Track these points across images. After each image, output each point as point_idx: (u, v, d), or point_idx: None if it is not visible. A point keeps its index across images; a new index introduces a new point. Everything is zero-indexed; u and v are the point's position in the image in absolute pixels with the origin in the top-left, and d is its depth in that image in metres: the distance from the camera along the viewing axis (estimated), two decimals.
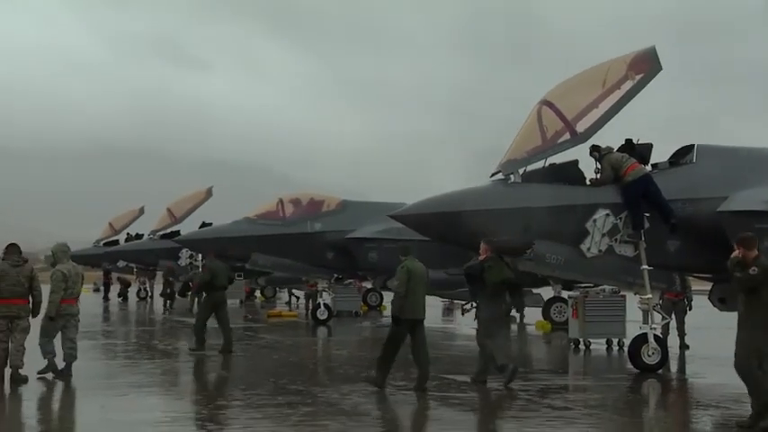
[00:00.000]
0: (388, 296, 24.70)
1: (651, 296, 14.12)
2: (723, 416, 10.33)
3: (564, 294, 24.24)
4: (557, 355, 18.96)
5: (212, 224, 31.79)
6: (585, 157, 14.48)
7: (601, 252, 13.88)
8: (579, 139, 14.03)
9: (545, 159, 14.23)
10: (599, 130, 14.08)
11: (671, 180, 14.30)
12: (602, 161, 14.19)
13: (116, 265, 45.19)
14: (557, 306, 25.01)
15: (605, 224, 13.87)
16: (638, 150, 14.51)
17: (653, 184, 13.98)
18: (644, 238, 13.94)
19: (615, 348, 18.41)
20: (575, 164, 14.48)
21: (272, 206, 26.56)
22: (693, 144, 14.87)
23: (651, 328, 14.26)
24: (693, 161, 14.66)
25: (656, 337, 14.33)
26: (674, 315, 17.80)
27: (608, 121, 14.03)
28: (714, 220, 13.49)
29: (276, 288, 42.02)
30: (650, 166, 14.60)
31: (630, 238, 13.97)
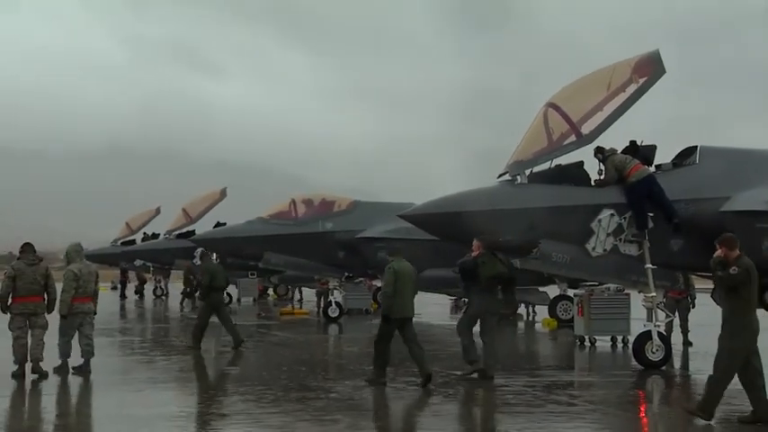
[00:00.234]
0: None
1: (655, 294, 14.24)
2: (725, 411, 10.37)
3: (569, 292, 24.30)
4: (562, 351, 19.00)
5: (226, 224, 32.11)
6: (591, 159, 14.61)
7: (606, 251, 14.01)
8: (584, 140, 14.16)
9: (551, 161, 14.36)
10: (604, 132, 14.18)
11: (674, 181, 14.39)
12: (605, 163, 14.32)
13: (133, 264, 45.71)
14: (562, 304, 25.00)
15: (610, 224, 14.00)
16: (642, 152, 14.61)
17: (657, 185, 14.09)
18: (648, 238, 14.04)
19: (620, 345, 18.48)
20: (580, 165, 14.60)
21: (284, 206, 26.90)
22: (696, 145, 14.94)
23: (655, 326, 14.36)
24: (696, 162, 14.74)
25: (659, 334, 14.43)
26: (677, 313, 17.81)
27: (612, 123, 14.14)
28: (717, 220, 13.54)
29: (288, 287, 42.29)
30: (654, 168, 14.68)
31: (635, 237, 14.08)
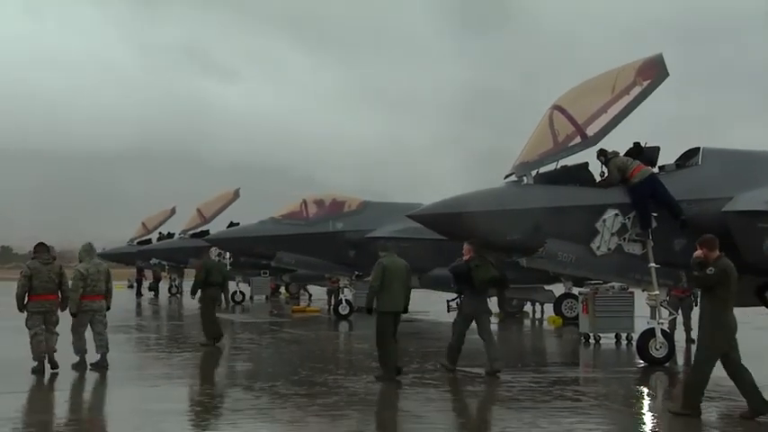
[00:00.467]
0: None
1: (658, 293, 14.40)
2: (727, 407, 10.54)
3: (575, 291, 24.43)
4: (568, 348, 19.13)
5: (239, 224, 32.49)
6: (595, 160, 14.75)
7: (610, 250, 14.17)
8: (589, 142, 14.36)
9: (557, 162, 14.56)
10: (608, 134, 14.39)
11: (678, 181, 14.51)
12: (608, 165, 14.48)
13: (149, 263, 46.29)
14: (568, 302, 25.19)
15: (614, 224, 14.15)
16: (645, 153, 14.77)
17: (660, 184, 14.25)
18: (651, 237, 14.20)
19: (624, 342, 18.65)
20: (585, 166, 14.75)
21: (296, 206, 27.28)
22: (699, 147, 15.06)
23: (658, 323, 14.54)
24: (699, 163, 14.86)
25: (663, 331, 14.59)
26: (680, 311, 17.98)
27: (617, 125, 14.32)
28: (719, 220, 13.70)
29: (299, 286, 42.69)
30: (657, 169, 14.83)
31: (638, 237, 14.24)
